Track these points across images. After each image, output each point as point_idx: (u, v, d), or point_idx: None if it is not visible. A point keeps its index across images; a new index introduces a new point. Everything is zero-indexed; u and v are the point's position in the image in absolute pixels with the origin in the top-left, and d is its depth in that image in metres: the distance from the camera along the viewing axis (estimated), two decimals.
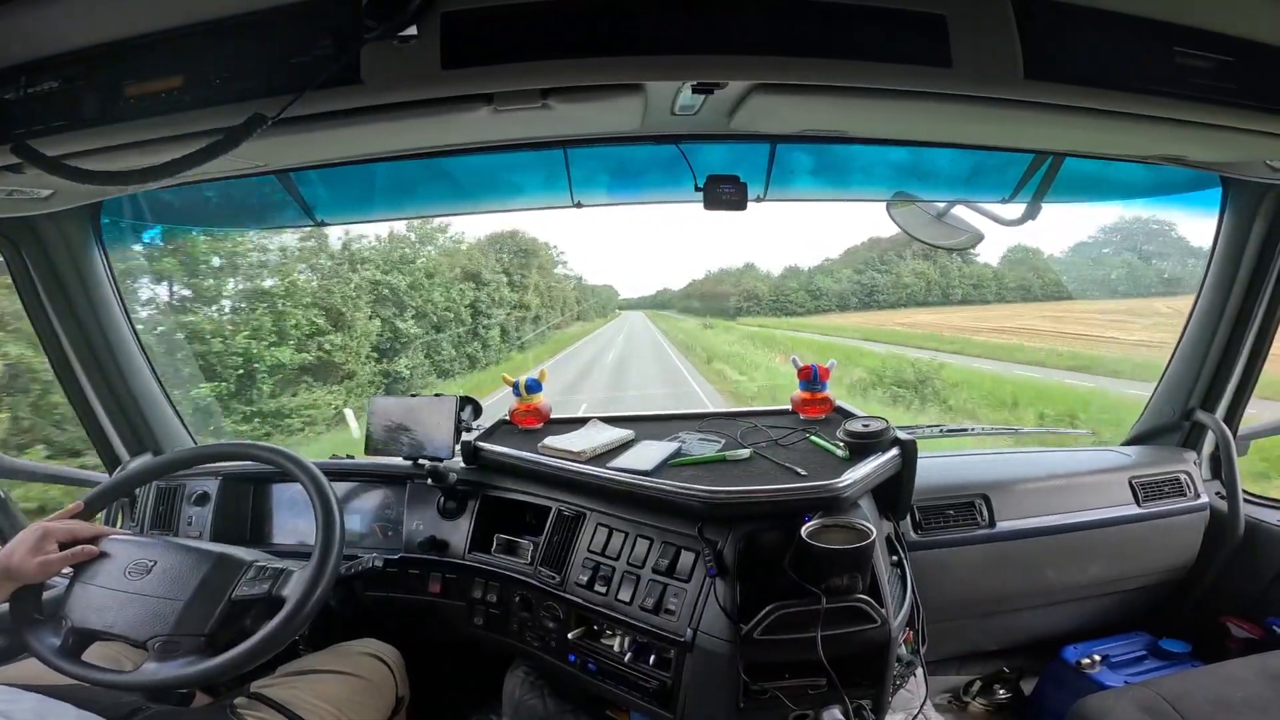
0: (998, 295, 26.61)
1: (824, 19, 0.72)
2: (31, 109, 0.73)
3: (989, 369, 14.85)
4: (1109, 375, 12.94)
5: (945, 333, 20.14)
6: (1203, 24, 0.77)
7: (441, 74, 0.70)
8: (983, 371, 14.63)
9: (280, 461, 1.05)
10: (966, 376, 13.95)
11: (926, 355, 15.56)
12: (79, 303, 1.36)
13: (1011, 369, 14.60)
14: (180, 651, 0.87)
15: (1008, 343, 17.82)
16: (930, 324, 22.55)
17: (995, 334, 19.19)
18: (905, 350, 16.82)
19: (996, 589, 1.46)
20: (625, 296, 49.43)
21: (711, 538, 1.01)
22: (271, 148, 0.93)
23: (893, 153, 1.38)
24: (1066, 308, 20.46)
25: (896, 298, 29.21)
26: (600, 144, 1.16)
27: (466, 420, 1.35)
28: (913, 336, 20.54)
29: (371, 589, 1.29)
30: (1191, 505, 1.53)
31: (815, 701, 0.98)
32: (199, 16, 0.70)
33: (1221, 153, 1.11)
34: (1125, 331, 15.53)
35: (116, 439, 1.49)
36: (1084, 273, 20.41)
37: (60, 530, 0.94)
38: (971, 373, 14.45)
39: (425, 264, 14.51)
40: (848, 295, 30.56)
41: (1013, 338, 18.31)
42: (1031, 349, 16.68)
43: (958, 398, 12.59)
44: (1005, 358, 16.16)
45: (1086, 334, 16.85)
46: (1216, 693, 1.05)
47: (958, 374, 14.06)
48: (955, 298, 27.77)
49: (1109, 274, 19.27)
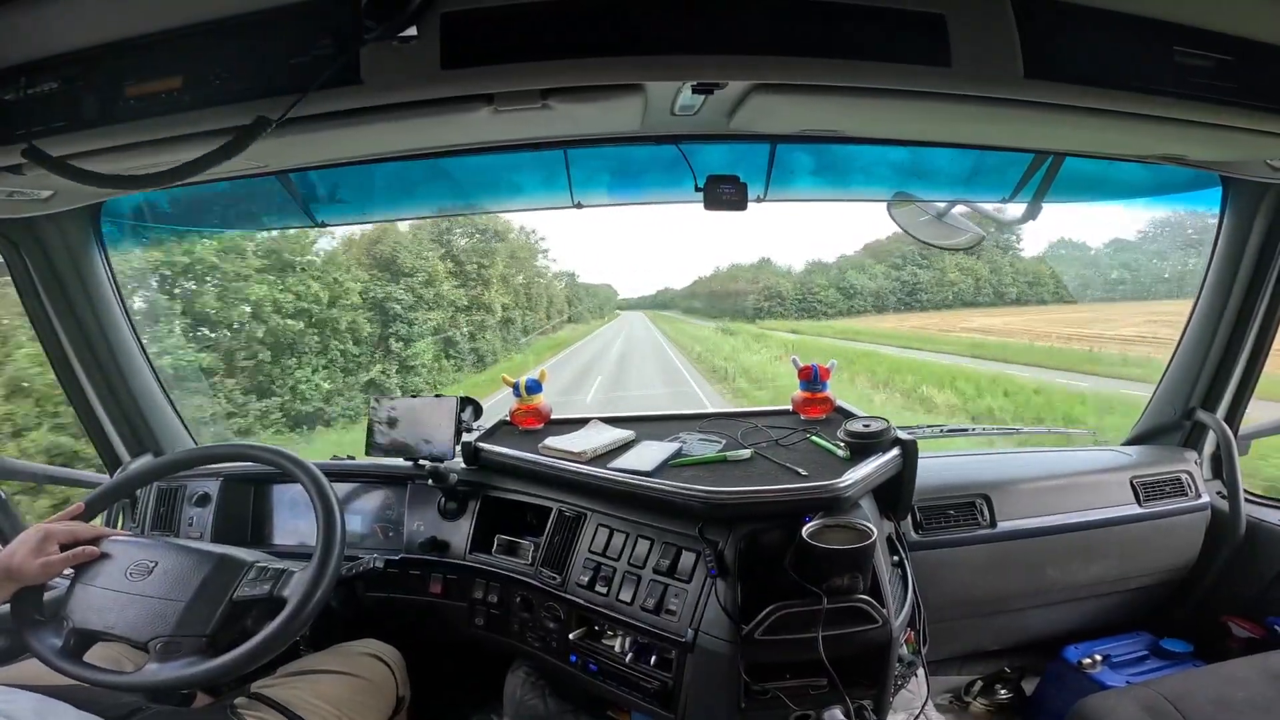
0: (1055, 295, 22.81)
1: (824, 19, 0.72)
2: (32, 109, 0.73)
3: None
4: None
5: (1040, 342, 15.58)
6: (1202, 23, 0.77)
7: (441, 74, 0.70)
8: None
9: (280, 462, 1.05)
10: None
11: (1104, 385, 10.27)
12: (79, 304, 1.36)
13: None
14: (182, 652, 0.87)
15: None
16: (1001, 329, 17.92)
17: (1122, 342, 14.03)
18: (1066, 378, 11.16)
19: (998, 589, 1.46)
20: (625, 296, 46.24)
21: (712, 538, 1.01)
22: (271, 149, 0.92)
23: (893, 152, 1.38)
24: (1155, 310, 15.04)
25: (941, 297, 24.67)
26: (600, 144, 1.16)
27: (467, 421, 1.35)
28: (1015, 350, 15.00)
29: (372, 590, 1.29)
30: (1193, 505, 1.53)
31: (816, 702, 0.97)
32: (199, 17, 0.70)
33: (1221, 152, 1.11)
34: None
35: (117, 440, 1.49)
36: (1147, 268, 17.55)
37: (61, 531, 0.94)
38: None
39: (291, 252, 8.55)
40: (885, 294, 25.63)
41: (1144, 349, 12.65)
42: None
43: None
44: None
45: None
46: (1218, 692, 1.05)
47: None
48: (1010, 297, 23.53)
49: (1174, 268, 16.22)
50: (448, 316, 12.58)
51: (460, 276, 13.49)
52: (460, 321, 12.96)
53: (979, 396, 10.69)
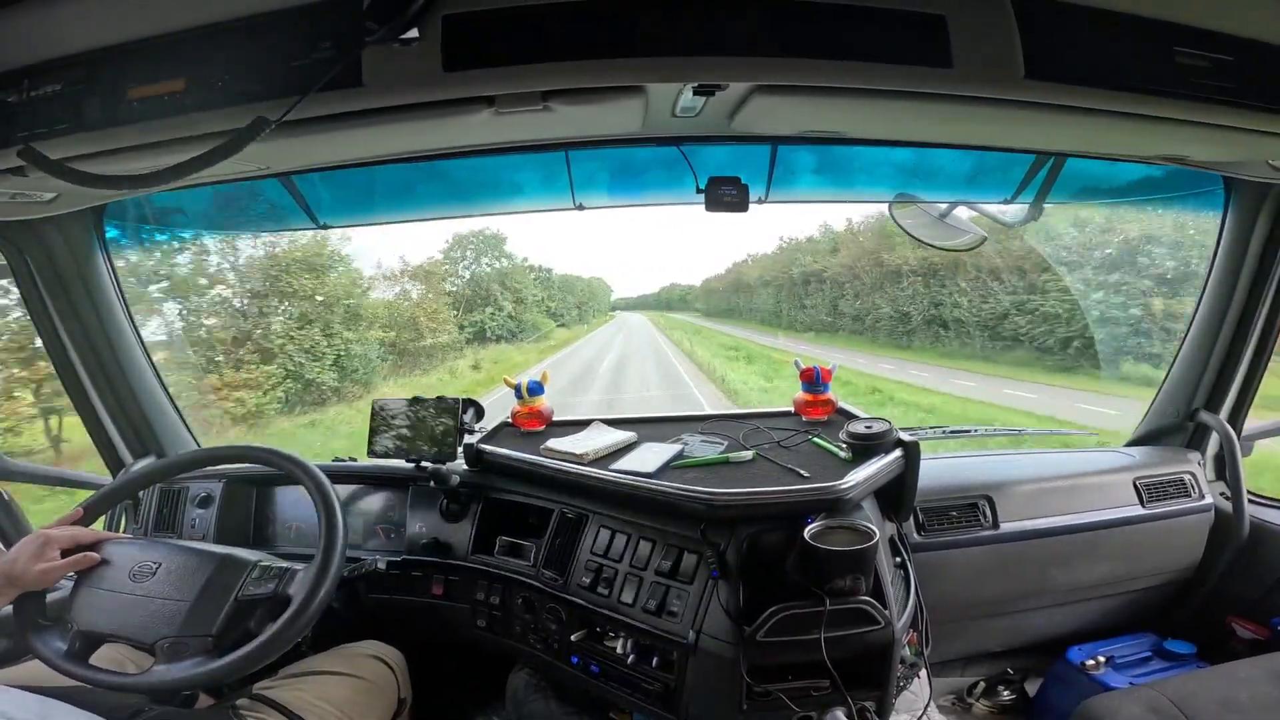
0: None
1: (824, 20, 0.72)
2: (35, 112, 0.74)
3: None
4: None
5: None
6: (1202, 24, 0.77)
7: (443, 76, 0.70)
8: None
9: (282, 464, 1.05)
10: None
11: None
12: (82, 305, 1.37)
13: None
14: (188, 653, 0.87)
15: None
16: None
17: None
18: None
19: (1000, 590, 1.45)
20: (621, 295, 31.57)
21: (714, 539, 1.01)
22: (273, 151, 0.93)
23: (895, 153, 1.38)
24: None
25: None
26: (601, 146, 1.16)
27: (469, 423, 1.35)
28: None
29: (374, 591, 1.29)
30: (1196, 506, 1.52)
31: (818, 703, 0.97)
32: (201, 20, 0.71)
33: (1223, 153, 1.11)
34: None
35: (120, 442, 1.49)
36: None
37: (62, 537, 0.94)
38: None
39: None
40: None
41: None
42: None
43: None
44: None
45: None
46: (1223, 694, 1.05)
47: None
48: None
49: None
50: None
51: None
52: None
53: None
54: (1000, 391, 10.07)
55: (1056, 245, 9.83)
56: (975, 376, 11.22)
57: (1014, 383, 10.42)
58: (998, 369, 11.27)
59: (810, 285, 16.85)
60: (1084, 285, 10.07)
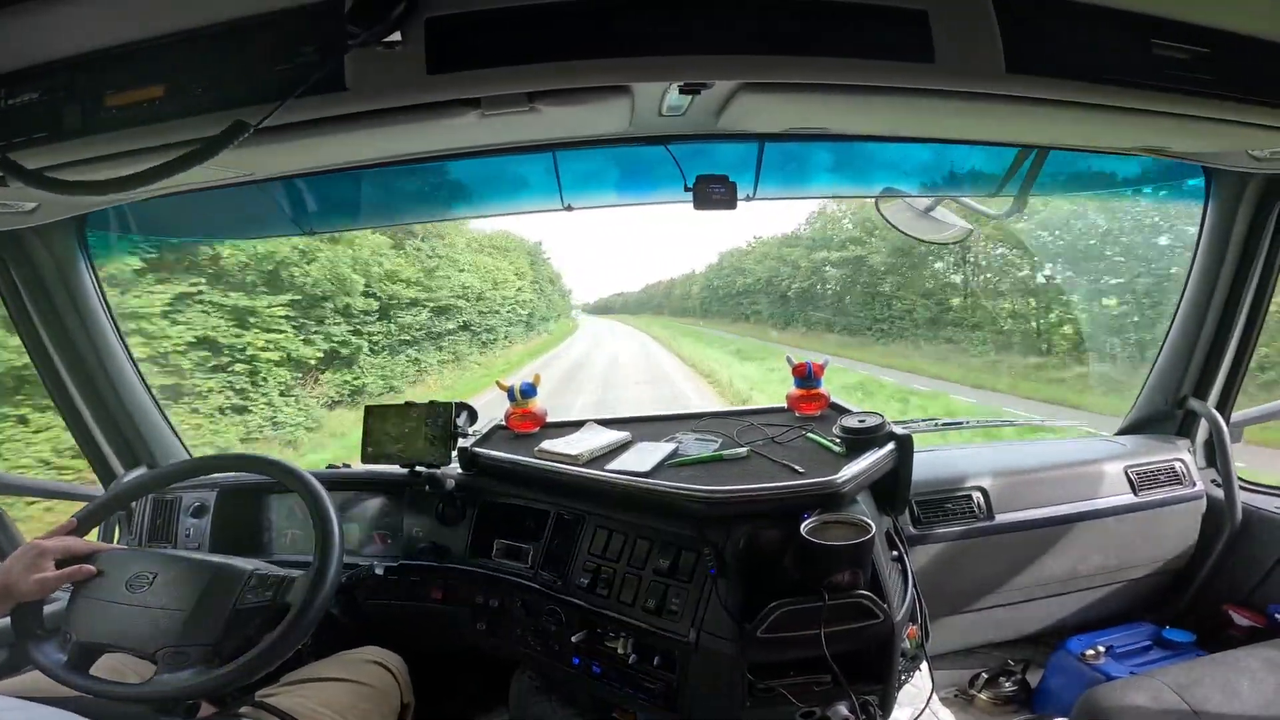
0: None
1: (808, 17, 0.72)
2: (11, 120, 0.72)
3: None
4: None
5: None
6: (1179, 16, 0.78)
7: (427, 79, 0.70)
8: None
9: (275, 472, 1.04)
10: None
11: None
12: (67, 316, 1.35)
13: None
14: (190, 661, 0.87)
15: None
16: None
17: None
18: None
19: (998, 581, 1.46)
20: (585, 300, 27.93)
21: (712, 537, 1.01)
22: (257, 156, 0.92)
23: (880, 149, 1.39)
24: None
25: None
26: (589, 146, 1.16)
27: (462, 426, 1.34)
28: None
29: (373, 597, 1.28)
30: (1187, 494, 1.54)
31: (821, 698, 0.97)
32: (180, 25, 0.70)
33: (1203, 143, 1.12)
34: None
35: (110, 453, 1.48)
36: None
37: (55, 548, 0.93)
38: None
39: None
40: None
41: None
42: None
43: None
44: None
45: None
46: (1224, 682, 1.06)
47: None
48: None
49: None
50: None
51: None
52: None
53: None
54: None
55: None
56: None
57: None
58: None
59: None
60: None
